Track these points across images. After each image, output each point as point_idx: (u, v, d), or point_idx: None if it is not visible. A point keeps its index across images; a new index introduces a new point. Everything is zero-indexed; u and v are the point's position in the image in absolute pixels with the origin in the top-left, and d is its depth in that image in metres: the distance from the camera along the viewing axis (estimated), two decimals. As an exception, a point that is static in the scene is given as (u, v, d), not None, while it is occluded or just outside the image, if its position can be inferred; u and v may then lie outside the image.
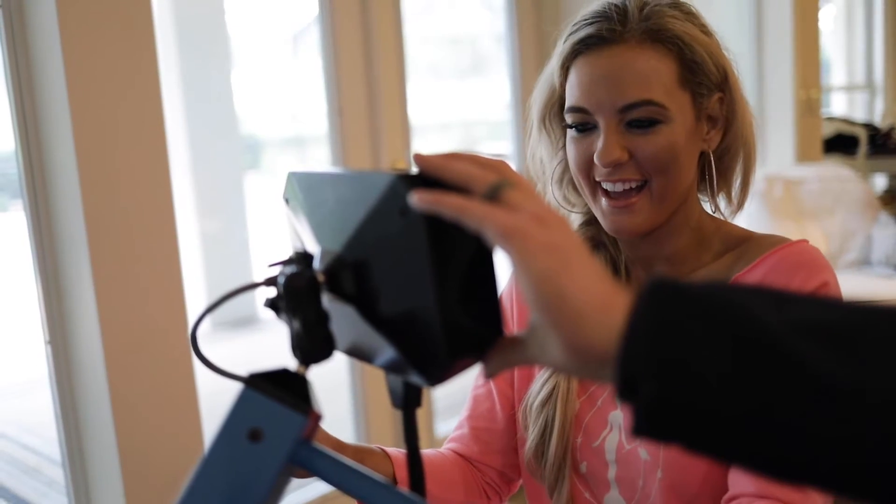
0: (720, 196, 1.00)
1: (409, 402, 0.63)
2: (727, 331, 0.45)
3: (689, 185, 0.96)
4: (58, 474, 1.95)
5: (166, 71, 1.68)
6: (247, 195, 5.44)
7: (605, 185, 0.94)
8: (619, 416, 0.97)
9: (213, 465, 0.58)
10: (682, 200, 0.96)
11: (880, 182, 6.14)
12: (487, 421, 1.07)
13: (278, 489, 0.60)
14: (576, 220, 1.05)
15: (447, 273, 0.53)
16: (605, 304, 0.48)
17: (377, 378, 2.42)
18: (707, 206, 1.02)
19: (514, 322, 1.08)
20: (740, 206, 1.02)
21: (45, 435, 3.46)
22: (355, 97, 2.38)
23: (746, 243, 0.98)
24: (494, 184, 0.52)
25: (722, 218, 1.02)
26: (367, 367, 2.47)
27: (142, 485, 1.67)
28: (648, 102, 0.89)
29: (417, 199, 0.51)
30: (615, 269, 1.02)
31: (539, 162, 1.04)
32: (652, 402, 0.45)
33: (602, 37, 0.91)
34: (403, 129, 2.48)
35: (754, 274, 0.94)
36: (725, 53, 0.96)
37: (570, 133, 0.95)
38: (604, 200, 0.95)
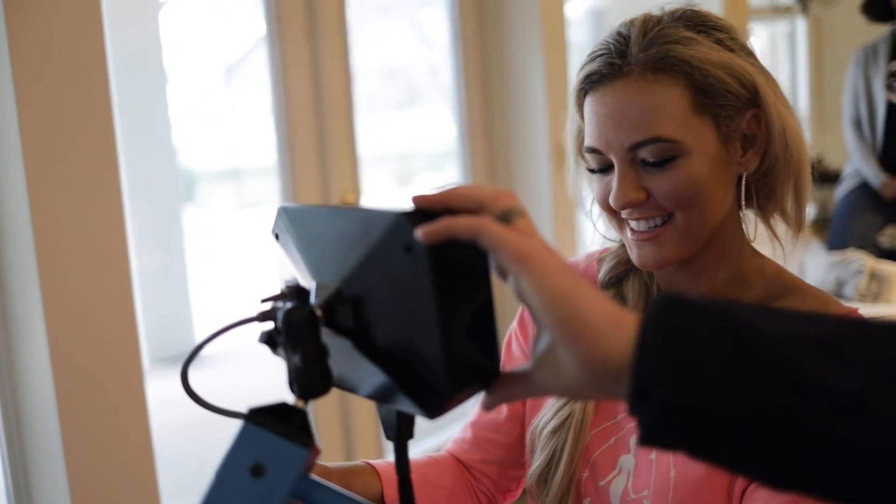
0: (775, 218, 0.93)
1: (401, 434, 0.64)
2: (731, 337, 0.48)
3: (724, 217, 0.89)
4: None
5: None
6: (185, 229, 5.34)
7: (630, 223, 0.89)
8: (631, 462, 0.92)
9: (216, 502, 0.58)
10: (717, 233, 0.89)
11: (808, 211, 6.36)
12: (491, 431, 1.05)
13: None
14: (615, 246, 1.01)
15: (451, 308, 0.55)
16: (617, 319, 0.51)
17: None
18: (747, 231, 0.95)
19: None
20: (800, 227, 0.93)
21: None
22: (305, 130, 2.38)
23: (794, 295, 0.91)
24: (506, 208, 0.54)
25: (779, 244, 0.95)
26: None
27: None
28: (657, 139, 0.83)
29: (425, 233, 0.51)
30: (646, 299, 0.96)
31: (580, 191, 1.00)
32: (662, 404, 0.48)
33: (603, 73, 0.85)
34: (352, 161, 2.49)
35: None
36: (753, 63, 0.87)
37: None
38: (629, 232, 0.89)
